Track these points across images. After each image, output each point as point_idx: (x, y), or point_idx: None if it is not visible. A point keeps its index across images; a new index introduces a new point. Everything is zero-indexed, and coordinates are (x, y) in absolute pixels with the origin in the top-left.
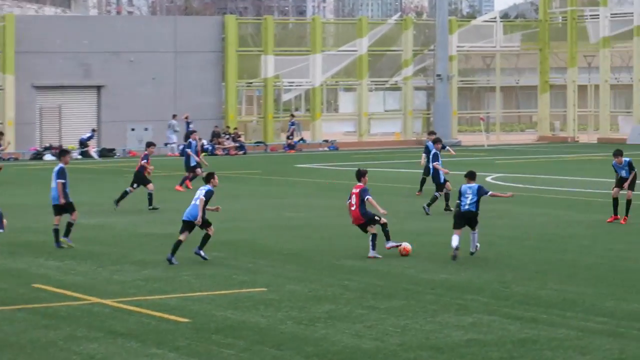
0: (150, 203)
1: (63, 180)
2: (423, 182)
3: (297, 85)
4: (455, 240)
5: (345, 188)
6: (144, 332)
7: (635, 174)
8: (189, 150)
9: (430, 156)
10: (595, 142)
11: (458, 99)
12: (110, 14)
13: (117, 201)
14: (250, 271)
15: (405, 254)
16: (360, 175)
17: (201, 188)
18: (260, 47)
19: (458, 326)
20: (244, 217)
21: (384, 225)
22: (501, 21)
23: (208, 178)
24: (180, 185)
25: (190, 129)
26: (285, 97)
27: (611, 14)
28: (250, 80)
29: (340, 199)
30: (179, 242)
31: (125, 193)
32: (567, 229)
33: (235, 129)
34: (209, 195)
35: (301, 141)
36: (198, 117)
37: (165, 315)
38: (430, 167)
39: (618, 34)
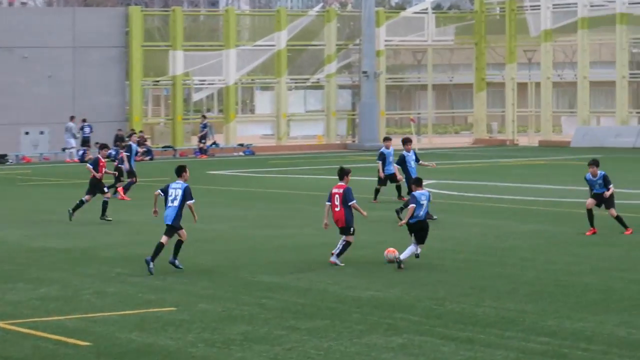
0: (74, 209)
1: None
2: (377, 192)
3: (209, 84)
4: (410, 249)
5: (263, 196)
6: (40, 357)
7: (613, 191)
8: (127, 155)
9: (388, 158)
10: (537, 144)
11: (386, 98)
12: (2, 5)
13: (102, 213)
14: (158, 289)
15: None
16: (344, 173)
17: (174, 186)
18: (168, 41)
19: (387, 348)
20: (150, 229)
21: (346, 243)
22: (433, 13)
23: (179, 171)
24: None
25: (87, 132)
26: (196, 96)
27: (553, 5)
28: (157, 79)
29: (256, 208)
30: (162, 245)
31: (105, 203)
32: (505, 240)
33: (141, 132)
34: (188, 193)
35: (214, 145)
36: (99, 119)
37: (64, 339)
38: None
39: (561, 26)
